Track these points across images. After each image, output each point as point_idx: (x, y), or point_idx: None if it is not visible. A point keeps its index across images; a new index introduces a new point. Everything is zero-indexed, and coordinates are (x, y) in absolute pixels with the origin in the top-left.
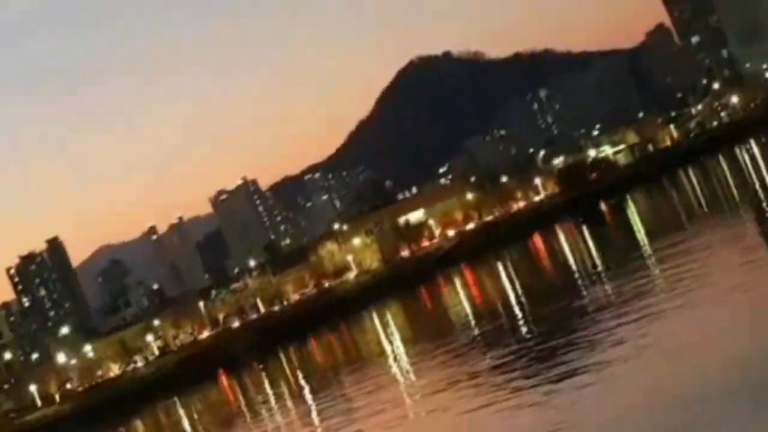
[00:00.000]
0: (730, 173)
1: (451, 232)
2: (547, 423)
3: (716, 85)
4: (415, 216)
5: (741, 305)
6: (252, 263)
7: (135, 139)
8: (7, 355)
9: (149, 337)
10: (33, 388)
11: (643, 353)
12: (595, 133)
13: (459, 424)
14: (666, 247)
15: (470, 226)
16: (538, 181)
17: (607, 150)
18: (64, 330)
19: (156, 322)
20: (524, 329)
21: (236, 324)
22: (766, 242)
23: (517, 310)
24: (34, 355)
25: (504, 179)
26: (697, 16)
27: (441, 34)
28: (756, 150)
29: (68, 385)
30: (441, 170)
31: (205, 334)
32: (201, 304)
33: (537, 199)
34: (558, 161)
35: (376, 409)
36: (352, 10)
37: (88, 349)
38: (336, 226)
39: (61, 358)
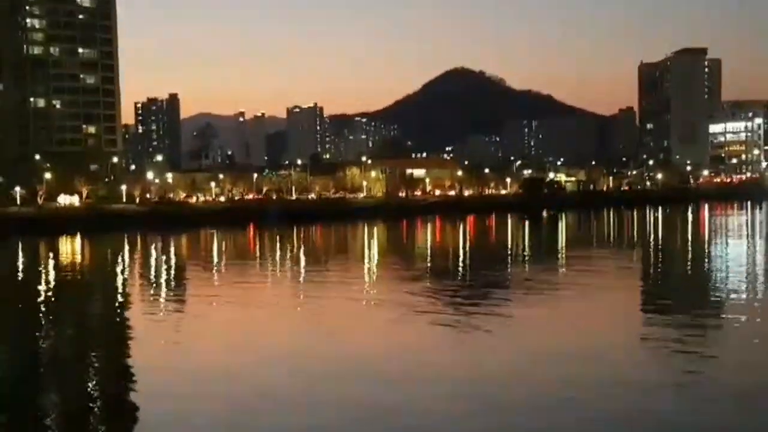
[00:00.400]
0: (636, 222)
1: (437, 192)
2: (448, 343)
3: (651, 162)
4: (418, 172)
5: (603, 298)
6: (298, 162)
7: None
8: (114, 159)
9: (212, 184)
10: (123, 188)
11: (523, 316)
12: (559, 163)
13: (380, 323)
14: (574, 251)
15: (451, 192)
16: (508, 180)
17: (562, 177)
18: (158, 157)
19: (221, 176)
20: (458, 270)
21: (273, 197)
22: (640, 267)
23: (459, 256)
24: (132, 167)
25: (486, 171)
26: (655, 111)
27: (483, 57)
28: (660, 213)
29: (147, 195)
30: (447, 149)
31: (250, 196)
32: (255, 175)
33: (503, 192)
34: (527, 172)
35: (339, 286)
36: (437, 25)
37: (169, 176)
38: (363, 158)
39: (149, 175)
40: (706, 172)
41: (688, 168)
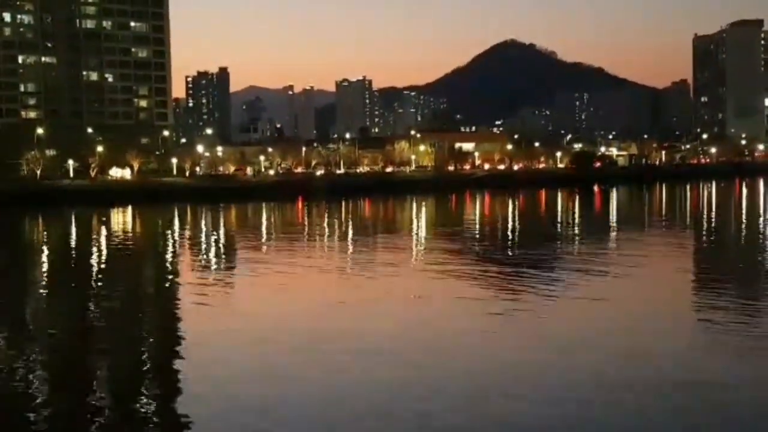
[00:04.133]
0: (689, 197)
1: (486, 166)
2: (490, 315)
3: (705, 136)
4: (467, 146)
5: (655, 278)
6: (347, 135)
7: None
8: (165, 133)
9: (261, 157)
10: (174, 160)
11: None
12: (610, 137)
13: (428, 287)
14: (623, 227)
15: (501, 167)
16: (558, 154)
17: (613, 151)
18: (208, 131)
19: (270, 150)
20: (506, 245)
21: (321, 171)
22: (693, 245)
23: (509, 231)
24: (183, 140)
25: (536, 144)
26: (710, 84)
27: (533, 30)
28: (713, 188)
29: (197, 168)
30: (497, 122)
31: (299, 169)
32: (303, 149)
33: (553, 166)
34: (577, 146)
35: (387, 257)
36: None
37: (219, 149)
38: (412, 132)
39: (199, 148)
40: (761, 147)
41: (743, 142)
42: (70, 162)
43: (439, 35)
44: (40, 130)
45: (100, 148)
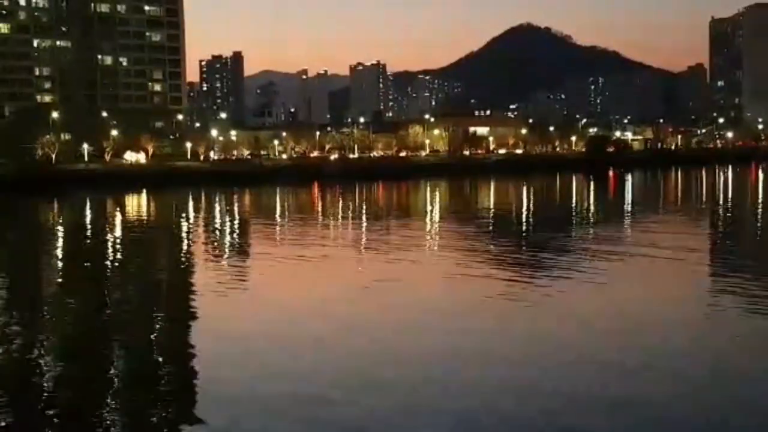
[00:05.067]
0: (705, 181)
1: (501, 151)
2: (504, 300)
3: (721, 120)
4: (482, 130)
5: (671, 267)
6: (361, 119)
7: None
8: (180, 117)
9: (275, 142)
10: (188, 144)
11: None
12: (625, 121)
13: (439, 280)
14: (639, 213)
15: (516, 151)
16: (573, 138)
17: (628, 135)
18: (222, 115)
19: (283, 134)
20: (519, 229)
21: (335, 156)
22: (709, 229)
23: (523, 215)
24: (197, 124)
25: (551, 129)
26: (727, 67)
27: (548, 13)
28: (730, 173)
29: (211, 153)
30: (511, 106)
31: (314, 153)
32: (317, 133)
33: (568, 150)
34: (592, 130)
35: (399, 243)
36: None
37: (233, 133)
38: (426, 116)
39: (213, 132)
40: None
41: (760, 126)
42: (85, 146)
43: (454, 19)
44: (54, 114)
45: (114, 132)
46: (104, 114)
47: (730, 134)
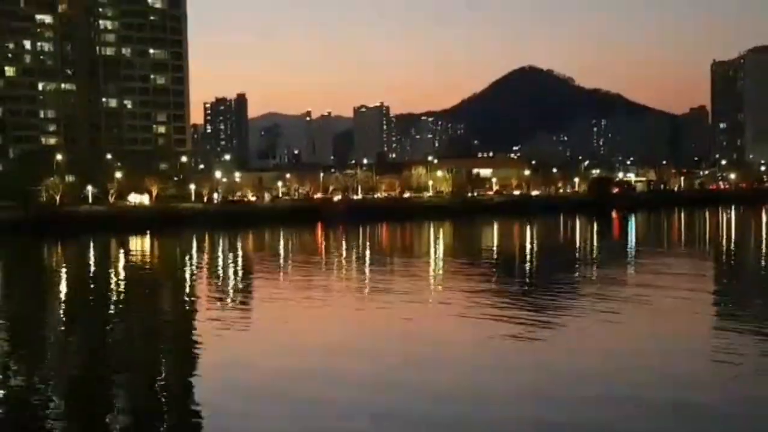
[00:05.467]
0: (708, 222)
1: (504, 192)
2: (511, 337)
3: (723, 162)
4: (485, 172)
5: (673, 306)
6: (365, 161)
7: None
8: (183, 159)
9: (279, 183)
10: (192, 186)
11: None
12: (628, 162)
13: (449, 320)
14: (644, 255)
15: (518, 192)
16: (576, 180)
17: (632, 177)
18: (226, 157)
19: (287, 175)
20: (523, 270)
21: (338, 197)
22: (712, 270)
23: (526, 256)
24: (201, 166)
25: (554, 170)
26: (729, 109)
27: (551, 56)
28: (732, 213)
29: (215, 194)
30: (514, 148)
31: (318, 195)
32: (321, 174)
33: (571, 192)
34: (595, 172)
35: (404, 284)
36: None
37: (237, 175)
38: (429, 158)
39: (217, 174)
40: None
41: (762, 168)
42: (89, 188)
43: (457, 61)
44: (59, 157)
45: (118, 174)
46: (108, 156)
47: (732, 175)
